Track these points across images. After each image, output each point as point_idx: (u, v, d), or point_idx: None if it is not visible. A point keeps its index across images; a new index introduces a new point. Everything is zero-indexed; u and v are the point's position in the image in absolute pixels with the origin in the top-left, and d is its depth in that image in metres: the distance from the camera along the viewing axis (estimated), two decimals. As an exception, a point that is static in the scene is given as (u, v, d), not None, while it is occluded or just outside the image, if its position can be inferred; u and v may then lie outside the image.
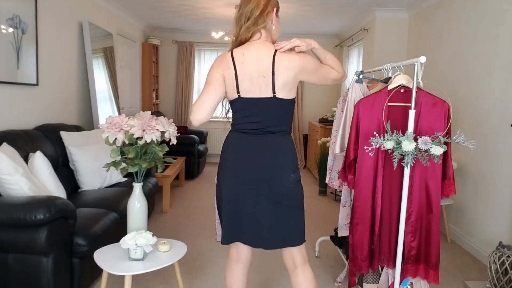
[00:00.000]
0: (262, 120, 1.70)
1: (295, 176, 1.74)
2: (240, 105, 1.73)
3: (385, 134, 1.98)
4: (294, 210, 1.74)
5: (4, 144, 2.48)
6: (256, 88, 1.68)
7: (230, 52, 1.72)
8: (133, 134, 2.08)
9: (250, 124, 1.72)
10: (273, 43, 1.73)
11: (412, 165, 2.04)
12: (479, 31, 3.33)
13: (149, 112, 2.30)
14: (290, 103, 1.73)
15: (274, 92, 1.67)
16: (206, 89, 1.72)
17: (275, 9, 1.72)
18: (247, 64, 1.67)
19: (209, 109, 1.70)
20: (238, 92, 1.69)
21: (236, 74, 1.68)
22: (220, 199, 1.79)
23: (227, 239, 1.78)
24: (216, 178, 1.82)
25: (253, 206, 1.73)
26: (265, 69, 1.66)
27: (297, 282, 1.80)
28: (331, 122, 5.43)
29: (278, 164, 1.71)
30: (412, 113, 2.01)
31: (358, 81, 2.46)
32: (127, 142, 2.11)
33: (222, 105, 1.86)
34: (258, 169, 1.71)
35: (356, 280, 2.37)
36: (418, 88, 2.02)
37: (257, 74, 1.67)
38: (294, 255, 1.79)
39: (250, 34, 1.70)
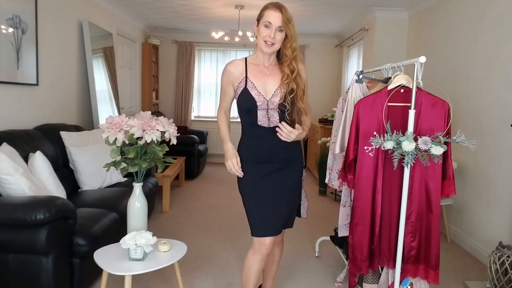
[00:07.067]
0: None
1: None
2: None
3: (385, 134, 1.98)
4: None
5: (4, 144, 2.48)
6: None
7: None
8: (133, 134, 2.08)
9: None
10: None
11: (412, 165, 2.04)
12: (479, 31, 3.33)
13: (149, 112, 2.30)
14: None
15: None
16: None
17: (256, 22, 1.93)
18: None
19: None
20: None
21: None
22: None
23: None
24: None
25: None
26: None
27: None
28: (331, 122, 5.43)
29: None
30: (412, 113, 2.01)
31: (358, 81, 2.46)
32: (127, 142, 2.11)
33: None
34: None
35: (356, 280, 2.37)
36: (418, 88, 2.02)
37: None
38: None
39: None
